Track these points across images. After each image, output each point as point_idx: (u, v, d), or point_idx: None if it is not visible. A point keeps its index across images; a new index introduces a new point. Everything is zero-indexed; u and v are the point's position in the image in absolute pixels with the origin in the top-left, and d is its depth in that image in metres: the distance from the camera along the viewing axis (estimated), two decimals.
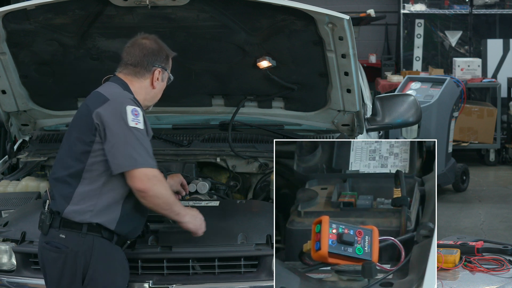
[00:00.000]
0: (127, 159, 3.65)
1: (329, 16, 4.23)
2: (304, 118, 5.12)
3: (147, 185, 3.67)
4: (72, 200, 3.72)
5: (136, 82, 3.91)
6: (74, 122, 3.87)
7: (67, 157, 3.77)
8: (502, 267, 3.23)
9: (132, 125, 3.68)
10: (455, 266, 3.24)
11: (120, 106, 3.72)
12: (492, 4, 11.14)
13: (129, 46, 3.97)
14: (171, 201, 3.80)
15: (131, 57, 3.93)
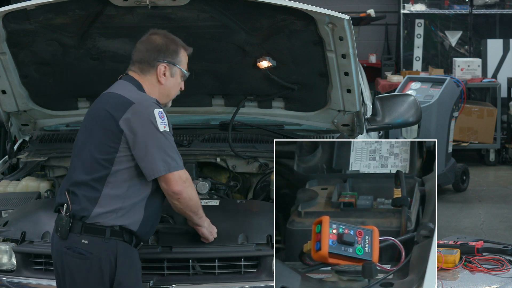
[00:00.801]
0: (161, 164, 3.67)
1: (329, 16, 4.23)
2: (304, 118, 5.12)
3: (182, 188, 3.71)
4: (98, 202, 3.67)
5: (145, 80, 3.87)
6: (92, 125, 3.78)
7: (89, 162, 3.71)
8: (502, 267, 3.23)
9: (162, 129, 3.68)
10: (455, 266, 3.24)
11: (147, 110, 3.68)
12: (492, 4, 11.15)
13: (139, 42, 3.94)
14: (199, 204, 3.86)
15: (137, 53, 3.90)
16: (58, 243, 3.75)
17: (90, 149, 3.73)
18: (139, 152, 3.66)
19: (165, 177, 3.69)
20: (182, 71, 3.93)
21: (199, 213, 3.87)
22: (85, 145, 3.77)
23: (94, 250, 3.66)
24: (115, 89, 3.86)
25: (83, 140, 3.80)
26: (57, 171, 5.12)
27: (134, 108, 3.68)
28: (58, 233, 3.72)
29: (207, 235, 3.94)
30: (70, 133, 5.30)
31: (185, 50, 3.95)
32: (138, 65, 3.87)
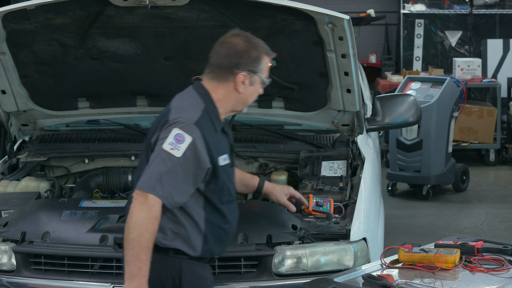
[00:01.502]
0: (144, 179, 3.37)
1: (329, 16, 4.23)
2: (304, 118, 5.12)
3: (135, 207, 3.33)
4: None
5: (221, 88, 3.55)
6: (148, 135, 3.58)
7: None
8: (502, 267, 3.23)
9: (165, 149, 3.37)
10: (455, 266, 3.24)
11: (170, 126, 3.41)
12: (492, 4, 11.14)
13: (218, 43, 3.59)
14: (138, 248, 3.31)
15: (216, 56, 3.57)
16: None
17: (142, 165, 3.51)
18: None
19: (136, 190, 3.38)
20: (262, 79, 3.62)
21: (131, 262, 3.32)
22: (141, 159, 3.59)
23: (158, 269, 3.43)
24: (176, 100, 3.59)
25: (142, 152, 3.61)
26: (57, 171, 5.12)
27: (164, 125, 3.46)
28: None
29: None
30: (70, 133, 5.31)
31: (268, 56, 3.62)
32: (215, 70, 3.56)
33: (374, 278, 3.12)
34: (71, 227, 4.19)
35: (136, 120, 5.37)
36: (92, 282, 4.02)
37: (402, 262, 3.33)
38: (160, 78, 4.97)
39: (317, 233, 4.07)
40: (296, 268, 4.03)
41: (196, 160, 3.41)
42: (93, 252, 4.05)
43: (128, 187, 4.95)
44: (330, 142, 5.10)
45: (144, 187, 3.35)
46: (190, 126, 3.42)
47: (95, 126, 5.38)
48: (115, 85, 5.03)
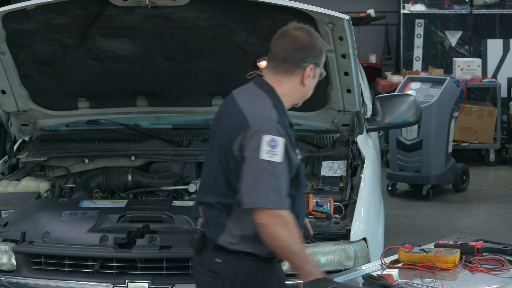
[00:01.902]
0: (250, 195, 3.31)
1: (329, 16, 4.23)
2: (304, 118, 5.12)
3: (268, 221, 3.30)
4: (225, 229, 3.41)
5: (286, 82, 3.48)
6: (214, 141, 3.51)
7: (217, 182, 3.44)
8: (502, 267, 3.23)
9: (264, 158, 3.30)
10: (455, 266, 3.24)
11: (257, 135, 3.32)
12: (492, 4, 11.14)
13: (278, 37, 3.49)
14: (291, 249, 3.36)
15: (281, 50, 3.46)
16: (195, 258, 3.55)
17: (213, 168, 3.47)
18: (240, 178, 3.35)
19: (260, 211, 3.31)
20: (322, 71, 3.57)
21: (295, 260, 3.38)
22: (210, 162, 3.50)
23: (228, 270, 3.41)
24: (242, 99, 3.51)
25: (208, 154, 3.55)
26: (57, 171, 5.12)
27: (247, 131, 3.35)
28: (193, 248, 3.53)
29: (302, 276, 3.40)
30: (70, 133, 5.31)
31: (326, 49, 3.58)
32: (282, 64, 3.46)
33: (374, 278, 3.12)
34: (71, 227, 4.19)
35: (136, 120, 5.37)
36: (92, 282, 4.02)
37: (402, 262, 3.33)
38: (160, 78, 4.97)
39: (317, 233, 4.07)
40: None
41: (288, 158, 3.39)
42: (93, 252, 4.05)
43: (128, 187, 4.95)
44: (330, 142, 5.10)
45: (264, 204, 3.30)
46: (276, 126, 3.37)
47: (95, 126, 5.38)
48: (115, 85, 5.03)
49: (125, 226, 4.17)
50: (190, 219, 4.13)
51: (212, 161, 3.47)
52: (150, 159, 5.13)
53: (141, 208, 4.33)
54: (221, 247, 3.42)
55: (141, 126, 5.37)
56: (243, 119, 3.38)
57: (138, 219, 4.21)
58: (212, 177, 3.45)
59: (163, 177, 4.93)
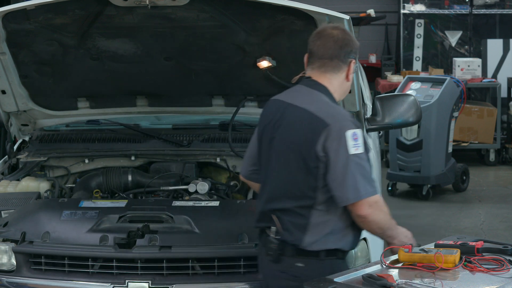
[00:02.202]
0: (351, 191, 3.44)
1: (329, 16, 4.23)
2: None
3: (367, 213, 3.48)
4: (308, 231, 3.50)
5: (334, 79, 3.60)
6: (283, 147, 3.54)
7: (294, 186, 3.52)
8: (502, 267, 3.23)
9: (353, 152, 3.43)
10: (455, 266, 3.24)
11: (340, 133, 3.44)
12: (492, 4, 11.14)
13: (317, 38, 3.61)
14: (386, 226, 3.57)
15: (326, 50, 3.57)
16: (270, 266, 3.60)
17: (286, 174, 3.54)
18: (330, 177, 3.46)
19: (357, 204, 3.48)
20: (356, 65, 3.73)
21: (388, 235, 3.61)
22: (280, 168, 3.56)
23: (311, 272, 3.47)
24: (303, 102, 3.57)
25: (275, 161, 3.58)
26: (56, 171, 5.12)
27: (329, 130, 3.44)
28: (269, 256, 3.58)
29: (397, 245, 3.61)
30: (70, 133, 5.30)
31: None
32: (329, 62, 3.57)
33: (374, 278, 3.12)
34: (71, 227, 4.19)
35: (136, 120, 5.37)
36: (92, 282, 4.02)
37: (402, 262, 3.33)
38: (160, 78, 4.97)
39: None
40: None
41: (365, 144, 3.54)
42: (93, 252, 4.05)
43: (128, 187, 4.95)
44: None
45: (364, 195, 3.46)
46: (351, 120, 3.52)
47: (95, 126, 5.38)
48: (115, 85, 5.03)
49: (125, 226, 4.17)
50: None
51: (284, 167, 3.54)
52: (150, 159, 5.13)
53: (141, 208, 4.33)
54: (303, 250, 3.51)
55: (141, 126, 5.37)
56: (318, 121, 3.47)
57: (138, 219, 4.21)
58: (287, 183, 3.53)
59: (163, 177, 4.92)
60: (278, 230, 3.55)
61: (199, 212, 4.26)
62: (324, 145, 3.44)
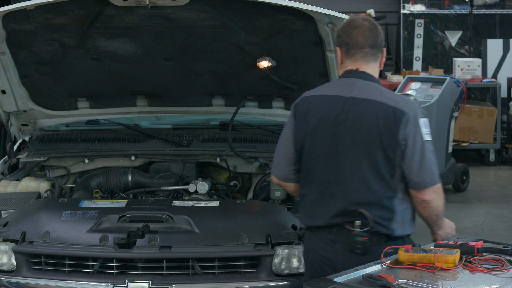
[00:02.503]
0: (429, 176, 3.53)
1: (329, 16, 4.23)
2: None
3: (432, 197, 3.57)
4: (394, 220, 3.58)
5: (376, 68, 3.63)
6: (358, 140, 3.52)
7: (372, 179, 3.53)
8: (502, 267, 3.22)
9: (426, 139, 3.51)
10: (455, 266, 3.23)
11: (416, 120, 3.50)
12: (492, 4, 11.14)
13: (351, 29, 3.57)
14: (441, 215, 3.70)
15: (365, 39, 3.57)
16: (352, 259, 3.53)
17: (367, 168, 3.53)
18: (407, 164, 3.50)
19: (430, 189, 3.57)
20: None
21: (438, 223, 3.73)
22: (358, 163, 3.54)
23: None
24: (367, 94, 3.55)
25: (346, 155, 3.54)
26: (56, 171, 5.12)
27: (408, 119, 3.49)
28: (357, 249, 3.56)
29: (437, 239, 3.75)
30: (70, 133, 5.31)
31: None
32: (371, 51, 3.58)
33: (374, 278, 3.12)
34: (71, 227, 4.19)
35: (136, 120, 5.38)
36: (92, 282, 4.02)
37: (402, 262, 3.33)
38: (160, 78, 4.97)
39: None
40: (296, 268, 4.03)
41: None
42: (93, 252, 4.05)
43: (128, 187, 4.95)
44: None
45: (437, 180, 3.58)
46: (419, 107, 3.58)
47: (95, 126, 5.38)
48: (115, 85, 5.04)
49: (125, 226, 4.17)
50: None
51: (362, 161, 3.52)
52: (150, 159, 5.14)
53: (141, 208, 4.33)
54: (392, 238, 3.57)
55: (141, 126, 5.37)
56: (395, 110, 3.48)
57: (138, 219, 4.21)
58: (367, 176, 3.52)
59: (163, 177, 4.93)
60: (369, 223, 3.53)
61: (199, 212, 4.26)
62: (404, 133, 3.48)
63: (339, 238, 3.58)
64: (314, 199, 3.59)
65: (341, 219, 3.56)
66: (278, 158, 3.72)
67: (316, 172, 3.58)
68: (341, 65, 3.61)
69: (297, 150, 3.63)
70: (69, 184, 5.04)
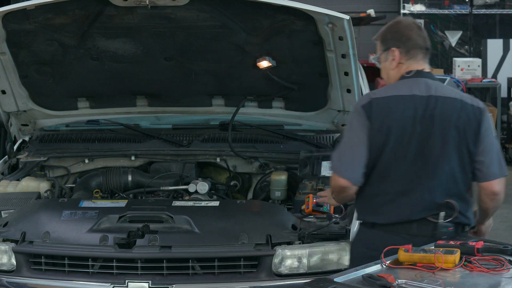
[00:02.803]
0: (498, 167, 3.67)
1: (329, 16, 4.23)
2: (304, 118, 5.13)
3: (501, 189, 3.73)
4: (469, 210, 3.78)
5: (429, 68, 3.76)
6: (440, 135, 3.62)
7: (460, 173, 3.68)
8: (502, 267, 3.22)
9: (494, 134, 3.69)
10: (455, 266, 3.23)
11: (487, 115, 3.68)
12: (492, 4, 11.14)
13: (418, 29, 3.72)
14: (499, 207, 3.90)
15: (425, 41, 3.71)
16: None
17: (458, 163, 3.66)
18: (481, 157, 3.65)
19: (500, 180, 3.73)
20: None
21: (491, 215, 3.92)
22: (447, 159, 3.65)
23: None
24: (445, 92, 3.66)
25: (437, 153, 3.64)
26: (56, 171, 5.12)
27: (484, 114, 3.64)
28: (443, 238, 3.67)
29: (482, 232, 3.95)
30: (70, 133, 5.31)
31: None
32: (427, 52, 3.72)
33: (374, 278, 3.12)
34: (71, 227, 4.19)
35: (136, 120, 5.37)
36: (92, 282, 4.02)
37: (402, 262, 3.33)
38: (160, 78, 4.97)
39: (317, 233, 4.09)
40: (296, 268, 4.03)
41: None
42: (93, 252, 4.05)
43: (128, 187, 4.95)
44: (330, 142, 5.11)
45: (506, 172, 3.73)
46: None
47: (95, 126, 5.38)
48: (115, 85, 5.04)
49: (125, 226, 4.17)
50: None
51: (452, 157, 3.64)
52: (150, 159, 5.14)
53: (141, 208, 4.33)
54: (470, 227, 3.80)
55: (141, 126, 5.37)
56: (474, 107, 3.62)
57: (138, 219, 4.21)
58: (457, 170, 3.66)
59: (163, 177, 4.93)
60: (455, 213, 3.66)
61: (199, 212, 4.26)
62: (484, 128, 3.63)
63: (421, 231, 3.66)
64: (391, 197, 3.65)
65: (426, 213, 3.65)
66: (351, 161, 3.68)
67: (397, 171, 3.64)
68: (398, 65, 3.66)
69: (373, 151, 3.64)
70: (69, 184, 5.04)
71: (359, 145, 3.64)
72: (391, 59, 3.69)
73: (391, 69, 3.69)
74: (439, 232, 3.65)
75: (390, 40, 3.65)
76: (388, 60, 3.68)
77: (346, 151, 3.70)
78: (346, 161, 3.69)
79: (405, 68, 3.65)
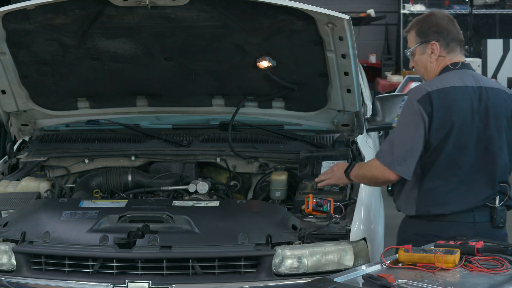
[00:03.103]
0: None
1: (329, 16, 4.23)
2: (304, 118, 5.13)
3: None
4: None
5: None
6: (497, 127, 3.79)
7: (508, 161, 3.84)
8: (502, 267, 3.23)
9: None
10: (455, 266, 3.24)
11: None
12: (492, 4, 11.15)
13: (447, 22, 3.82)
14: None
15: (459, 33, 3.84)
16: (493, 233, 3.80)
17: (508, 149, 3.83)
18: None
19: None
20: None
21: None
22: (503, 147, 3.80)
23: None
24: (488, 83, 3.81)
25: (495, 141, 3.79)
26: (56, 171, 5.12)
27: None
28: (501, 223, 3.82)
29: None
30: (70, 133, 5.31)
31: None
32: (462, 44, 3.83)
33: (374, 278, 3.12)
34: (71, 227, 4.19)
35: (136, 120, 5.38)
36: (92, 282, 4.02)
37: (402, 262, 3.33)
38: (160, 78, 4.97)
39: (317, 233, 4.09)
40: (296, 268, 4.03)
41: None
42: (93, 252, 4.05)
43: (128, 187, 4.95)
44: (330, 142, 5.11)
45: None
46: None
47: (95, 126, 5.38)
48: (115, 85, 5.04)
49: (125, 226, 4.17)
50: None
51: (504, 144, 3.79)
52: (150, 159, 5.14)
53: (141, 208, 4.33)
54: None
55: (141, 126, 5.37)
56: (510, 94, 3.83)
57: (138, 219, 4.21)
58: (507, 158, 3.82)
59: (163, 177, 4.93)
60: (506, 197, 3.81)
61: (199, 212, 4.26)
62: None
63: (481, 218, 3.79)
64: (452, 187, 3.75)
65: (485, 200, 3.79)
66: (407, 157, 3.72)
67: (460, 162, 3.73)
68: (438, 58, 3.73)
69: (435, 144, 3.71)
70: (69, 184, 5.04)
71: (416, 140, 3.70)
72: (429, 52, 3.74)
73: (430, 62, 3.74)
74: (498, 215, 3.78)
75: (429, 33, 3.66)
76: (426, 53, 3.73)
77: (401, 146, 3.71)
78: (400, 156, 3.72)
79: (447, 61, 3.72)
